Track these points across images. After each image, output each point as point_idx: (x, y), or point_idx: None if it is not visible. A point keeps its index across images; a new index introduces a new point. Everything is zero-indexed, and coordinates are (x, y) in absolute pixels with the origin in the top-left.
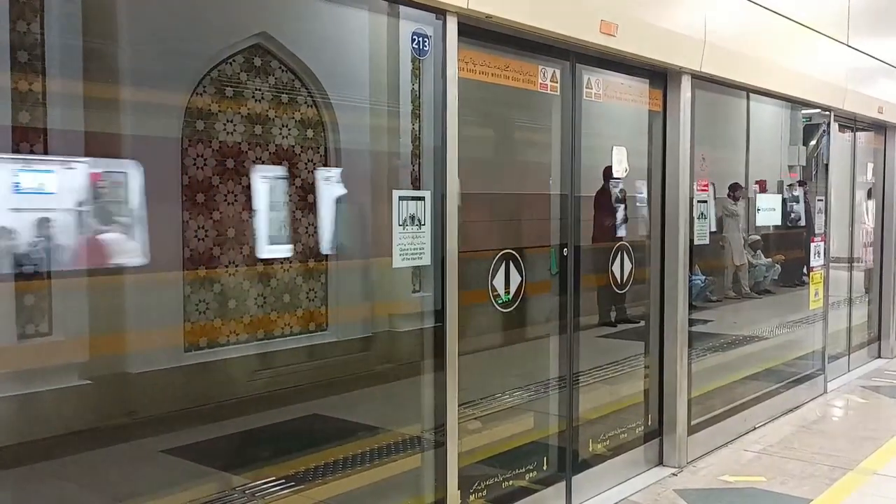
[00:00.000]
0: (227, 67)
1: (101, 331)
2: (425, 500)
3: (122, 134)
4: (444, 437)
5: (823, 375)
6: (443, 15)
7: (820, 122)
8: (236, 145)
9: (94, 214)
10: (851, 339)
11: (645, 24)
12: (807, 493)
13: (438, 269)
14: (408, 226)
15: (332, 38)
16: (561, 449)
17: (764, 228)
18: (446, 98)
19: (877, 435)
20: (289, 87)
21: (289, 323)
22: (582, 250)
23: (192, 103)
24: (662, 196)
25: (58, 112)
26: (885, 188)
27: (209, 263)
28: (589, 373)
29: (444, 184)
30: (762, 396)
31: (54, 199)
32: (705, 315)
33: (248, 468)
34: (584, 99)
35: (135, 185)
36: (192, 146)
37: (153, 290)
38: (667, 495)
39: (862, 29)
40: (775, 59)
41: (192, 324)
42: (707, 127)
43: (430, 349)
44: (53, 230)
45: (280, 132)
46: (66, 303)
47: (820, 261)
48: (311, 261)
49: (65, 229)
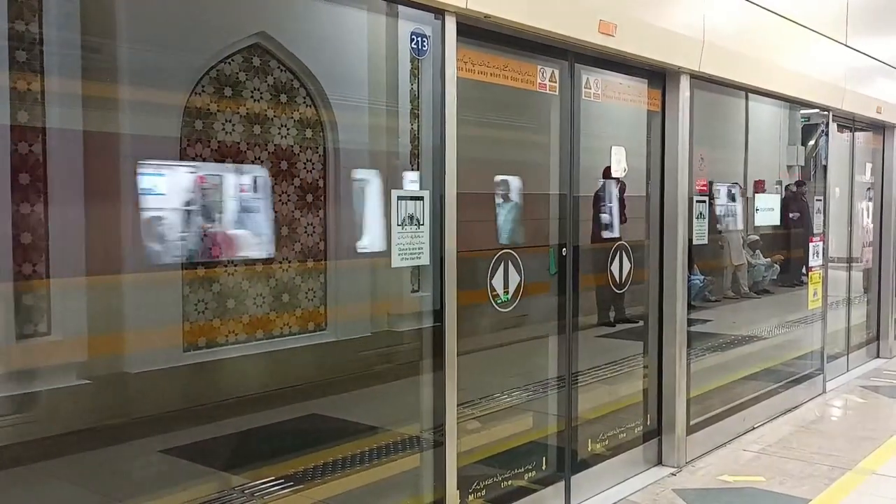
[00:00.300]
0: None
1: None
2: (424, 499)
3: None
4: (443, 436)
5: (822, 375)
6: (441, 15)
7: (818, 121)
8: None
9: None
10: (850, 338)
11: (644, 24)
12: (806, 493)
13: (437, 269)
14: (406, 225)
15: (331, 37)
16: (560, 449)
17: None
18: (445, 98)
19: (876, 435)
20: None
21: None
22: (581, 250)
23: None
24: (661, 196)
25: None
26: (884, 188)
27: (316, 257)
28: (588, 373)
29: (443, 183)
30: (761, 396)
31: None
32: (704, 315)
33: (247, 468)
34: (582, 99)
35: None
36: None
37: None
38: (665, 495)
39: (860, 29)
40: (774, 58)
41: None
42: (705, 127)
43: (428, 349)
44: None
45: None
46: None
47: (818, 260)
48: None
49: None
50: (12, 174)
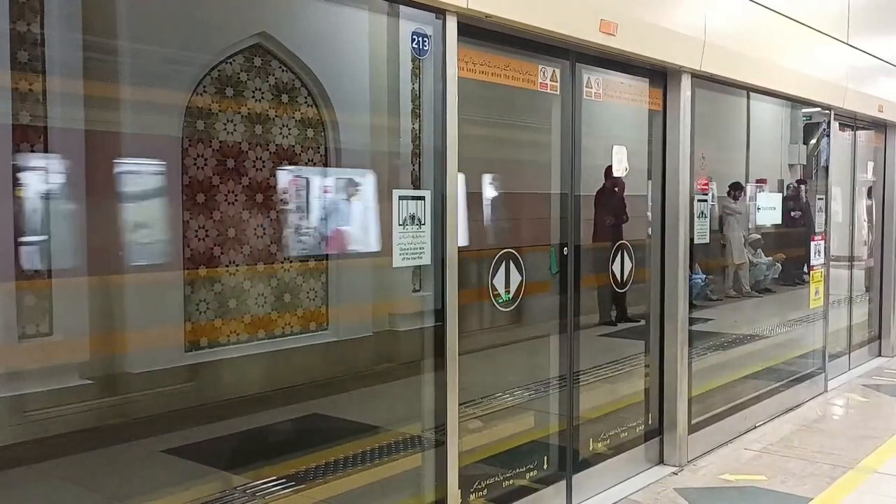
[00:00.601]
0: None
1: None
2: (426, 499)
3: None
4: (444, 436)
5: (824, 374)
6: (442, 14)
7: (820, 120)
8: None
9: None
10: (852, 337)
11: (645, 24)
12: (807, 492)
13: (438, 269)
14: (408, 225)
15: (332, 37)
16: (561, 448)
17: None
18: (446, 97)
19: (877, 433)
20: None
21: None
22: (582, 250)
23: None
24: (663, 195)
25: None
26: (886, 187)
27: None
28: (589, 372)
29: (444, 183)
30: (762, 395)
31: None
32: (706, 314)
33: (248, 468)
34: (584, 98)
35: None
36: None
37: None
38: (667, 494)
39: (862, 27)
40: (775, 58)
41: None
42: (707, 126)
43: (430, 348)
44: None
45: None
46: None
47: (820, 259)
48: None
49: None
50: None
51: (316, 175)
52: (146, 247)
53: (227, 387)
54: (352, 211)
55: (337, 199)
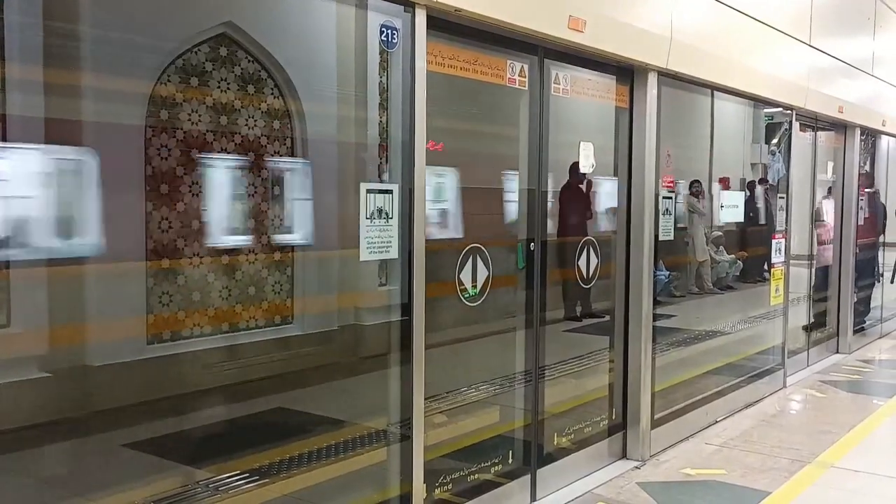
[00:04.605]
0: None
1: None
2: (391, 493)
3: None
4: (409, 430)
5: (783, 370)
6: (411, 7)
7: (782, 120)
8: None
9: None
10: (810, 334)
11: (612, 21)
12: (766, 486)
13: (405, 263)
14: (375, 219)
15: (300, 28)
16: (526, 442)
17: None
18: (415, 91)
19: (835, 429)
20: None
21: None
22: (548, 245)
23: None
24: (628, 192)
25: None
26: (845, 187)
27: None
28: (555, 367)
29: (412, 177)
30: (723, 390)
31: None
32: (669, 310)
33: (211, 462)
34: (552, 94)
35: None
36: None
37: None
38: (630, 488)
39: (824, 29)
40: (739, 57)
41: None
42: (673, 124)
43: (396, 342)
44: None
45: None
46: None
47: (780, 258)
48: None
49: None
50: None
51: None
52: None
53: (189, 379)
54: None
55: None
